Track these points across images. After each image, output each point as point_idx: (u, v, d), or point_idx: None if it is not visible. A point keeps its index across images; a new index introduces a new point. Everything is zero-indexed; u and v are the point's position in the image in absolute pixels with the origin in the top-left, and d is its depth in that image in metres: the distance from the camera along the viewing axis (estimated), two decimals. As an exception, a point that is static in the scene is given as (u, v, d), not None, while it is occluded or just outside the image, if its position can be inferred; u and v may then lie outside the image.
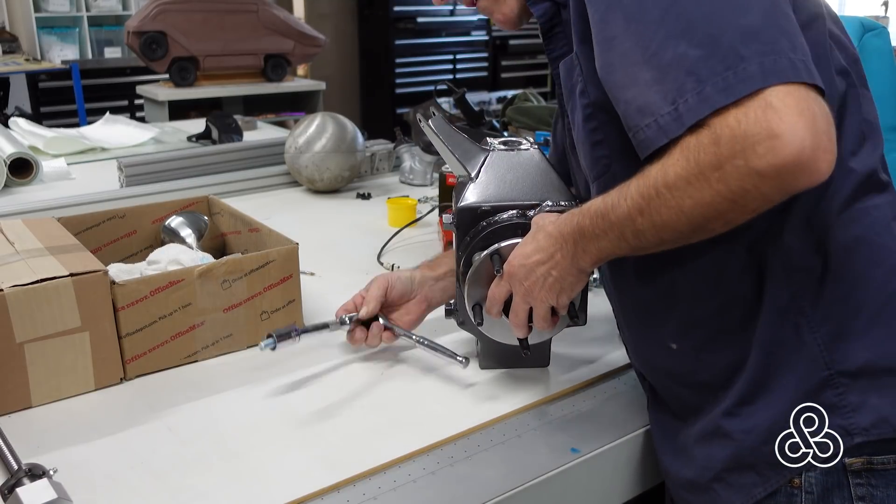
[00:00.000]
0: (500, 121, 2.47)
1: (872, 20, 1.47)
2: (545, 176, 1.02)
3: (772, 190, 0.66)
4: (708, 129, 0.67)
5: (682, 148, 0.69)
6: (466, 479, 0.89)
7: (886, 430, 0.79)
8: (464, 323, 1.08)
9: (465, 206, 1.01)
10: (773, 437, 0.82)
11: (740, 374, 0.85)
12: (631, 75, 0.72)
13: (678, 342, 0.89)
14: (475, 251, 1.00)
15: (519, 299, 0.93)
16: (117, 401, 1.05)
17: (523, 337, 0.98)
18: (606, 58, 0.75)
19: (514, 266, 0.91)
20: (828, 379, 0.80)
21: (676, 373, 0.92)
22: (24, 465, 0.84)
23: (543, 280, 0.88)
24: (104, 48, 5.59)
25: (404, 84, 6.02)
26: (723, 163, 0.66)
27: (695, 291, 0.86)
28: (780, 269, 0.81)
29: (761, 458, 0.83)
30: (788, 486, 0.82)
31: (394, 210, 1.79)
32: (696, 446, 0.89)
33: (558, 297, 0.89)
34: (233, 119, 2.65)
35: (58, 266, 1.04)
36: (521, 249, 0.90)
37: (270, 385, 1.09)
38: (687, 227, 0.71)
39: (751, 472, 0.84)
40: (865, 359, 0.80)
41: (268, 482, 0.87)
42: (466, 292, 1.00)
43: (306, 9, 5.92)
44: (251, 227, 1.35)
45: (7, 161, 2.04)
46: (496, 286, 0.95)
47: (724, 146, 0.66)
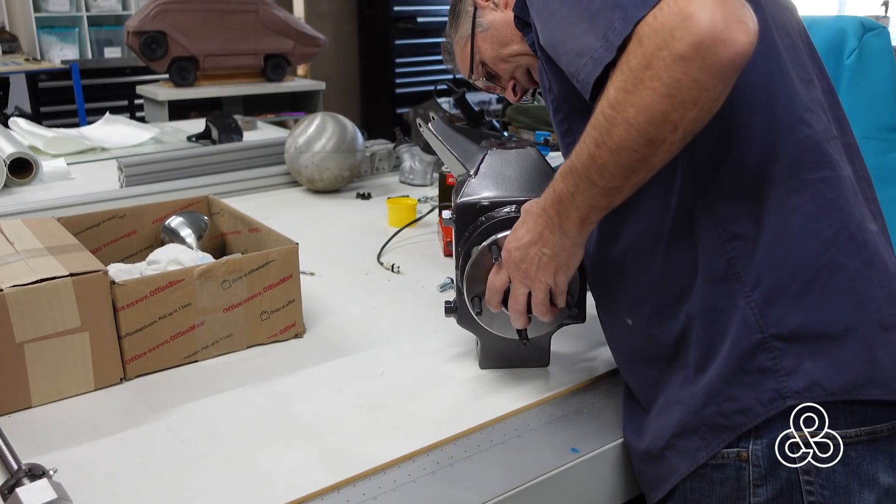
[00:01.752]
0: (500, 121, 2.47)
1: (872, 20, 1.47)
2: (542, 172, 1.04)
3: (699, 72, 0.68)
4: (633, 38, 0.71)
5: (617, 68, 0.73)
6: (466, 479, 0.89)
7: (818, 393, 0.81)
8: (464, 321, 1.08)
9: (464, 201, 1.02)
10: (712, 399, 0.84)
11: (687, 346, 0.87)
12: (568, 32, 0.79)
13: (631, 317, 0.92)
14: (474, 245, 1.01)
15: (517, 284, 0.95)
16: (117, 401, 1.05)
17: (522, 327, 0.99)
18: (548, 28, 0.83)
19: (509, 251, 0.93)
20: (761, 342, 0.82)
21: (635, 350, 0.94)
22: (24, 465, 0.84)
23: (538, 260, 0.90)
24: (104, 48, 5.59)
25: (404, 84, 6.02)
26: (650, 59, 0.70)
27: (638, 262, 0.89)
28: (715, 236, 0.83)
29: (702, 421, 0.85)
30: (737, 459, 0.84)
31: (394, 210, 1.79)
32: (655, 418, 0.91)
33: (555, 275, 0.91)
34: (233, 119, 2.65)
35: (58, 266, 1.04)
36: (513, 234, 0.93)
37: (270, 385, 1.09)
38: (640, 141, 0.73)
39: (694, 437, 0.86)
40: (798, 323, 0.81)
41: (268, 482, 0.87)
42: (466, 285, 1.01)
43: (306, 9, 5.92)
44: (251, 227, 1.35)
45: (7, 161, 2.04)
46: (494, 275, 0.97)
47: (647, 43, 0.70)
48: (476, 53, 1.14)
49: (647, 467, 0.93)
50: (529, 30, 0.94)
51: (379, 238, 1.65)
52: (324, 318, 1.29)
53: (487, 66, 1.15)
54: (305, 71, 5.37)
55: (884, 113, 1.44)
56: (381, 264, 1.54)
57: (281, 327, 1.20)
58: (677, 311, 0.87)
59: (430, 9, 6.02)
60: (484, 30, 1.11)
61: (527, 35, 0.96)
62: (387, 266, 1.52)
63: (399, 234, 1.69)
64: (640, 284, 0.90)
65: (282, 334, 1.21)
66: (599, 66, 0.74)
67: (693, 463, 0.86)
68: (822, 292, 0.81)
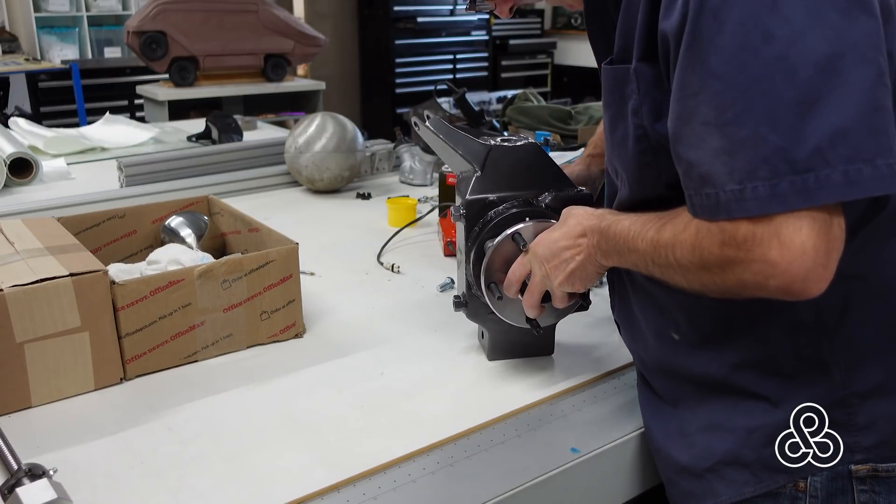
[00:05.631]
0: (500, 121, 2.47)
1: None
2: (546, 167, 1.07)
3: (763, 296, 0.69)
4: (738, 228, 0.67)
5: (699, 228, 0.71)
6: (466, 479, 0.89)
7: (886, 452, 0.80)
8: (473, 315, 1.11)
9: (473, 198, 1.05)
10: (773, 440, 0.82)
11: (748, 378, 0.84)
12: (699, 135, 0.68)
13: (678, 332, 0.90)
14: (486, 240, 1.04)
15: (538, 280, 0.96)
16: (117, 401, 1.05)
17: (534, 317, 1.03)
18: (680, 109, 0.71)
19: (539, 246, 0.95)
20: (843, 399, 0.81)
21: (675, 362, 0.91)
22: (24, 465, 0.83)
23: (566, 265, 0.92)
24: (104, 48, 5.59)
25: (404, 84, 6.02)
26: (723, 265, 0.69)
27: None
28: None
29: (759, 459, 0.83)
30: (793, 489, 0.82)
31: (394, 210, 1.78)
32: (699, 434, 0.89)
33: (575, 284, 0.93)
34: (233, 119, 2.65)
35: (58, 266, 1.04)
36: (549, 234, 0.95)
37: (270, 385, 1.09)
38: (686, 288, 0.75)
39: (745, 471, 0.84)
40: (880, 380, 0.80)
41: (268, 482, 0.87)
42: (483, 272, 1.03)
43: (306, 9, 5.92)
44: (251, 227, 1.35)
45: (7, 161, 2.04)
46: (519, 264, 0.99)
47: (741, 249, 0.67)
48: None
49: (681, 480, 0.91)
50: None
51: (379, 238, 1.65)
52: (324, 318, 1.29)
53: None
54: (305, 71, 5.37)
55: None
56: (381, 264, 1.54)
57: (281, 327, 1.20)
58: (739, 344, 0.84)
59: (430, 9, 6.02)
60: None
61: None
62: (387, 266, 1.52)
63: (399, 234, 1.69)
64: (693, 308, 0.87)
65: (282, 334, 1.21)
66: (720, 214, 0.68)
67: (737, 495, 0.85)
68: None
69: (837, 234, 0.66)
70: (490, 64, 6.55)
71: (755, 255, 0.66)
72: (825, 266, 0.66)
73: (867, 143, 0.64)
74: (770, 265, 0.65)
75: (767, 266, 0.65)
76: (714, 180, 0.67)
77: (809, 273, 0.65)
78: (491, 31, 6.46)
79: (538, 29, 6.91)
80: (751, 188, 0.65)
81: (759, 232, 0.65)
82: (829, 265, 0.66)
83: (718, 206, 0.67)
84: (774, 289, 0.66)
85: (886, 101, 0.66)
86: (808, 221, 0.64)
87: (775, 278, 0.65)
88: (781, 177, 0.64)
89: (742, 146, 0.65)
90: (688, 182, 0.71)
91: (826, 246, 0.65)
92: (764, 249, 0.65)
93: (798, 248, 0.64)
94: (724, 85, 0.66)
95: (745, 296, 0.70)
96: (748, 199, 0.65)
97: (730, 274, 0.69)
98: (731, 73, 0.65)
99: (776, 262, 0.65)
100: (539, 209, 1.04)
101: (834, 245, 0.66)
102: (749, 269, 0.67)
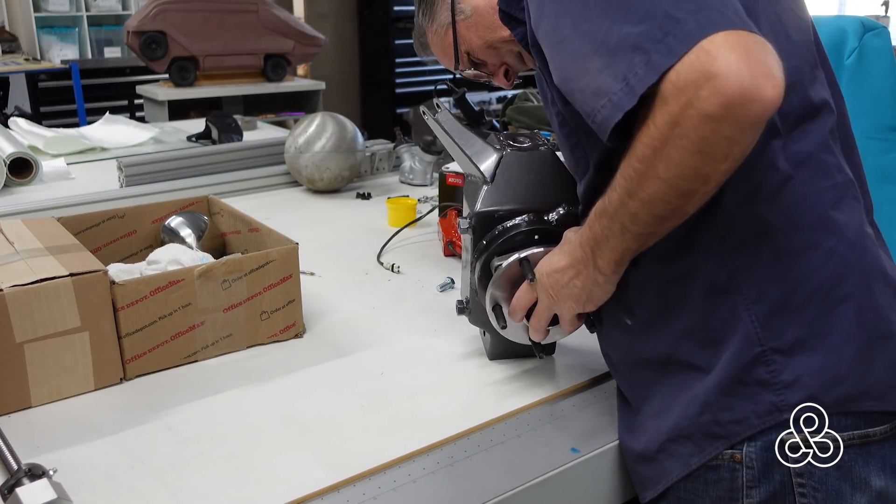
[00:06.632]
0: (500, 121, 2.47)
1: (873, 20, 1.47)
2: (559, 178, 1.03)
3: (730, 129, 0.67)
4: (658, 94, 0.69)
5: (641, 119, 0.71)
6: (466, 479, 0.89)
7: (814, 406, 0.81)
8: (475, 320, 1.10)
9: (482, 211, 1.01)
10: (709, 407, 0.84)
11: (685, 352, 0.86)
12: (582, 67, 0.74)
13: (631, 318, 0.91)
14: (493, 256, 1.01)
15: (544, 307, 0.96)
16: (117, 401, 1.05)
17: (539, 341, 1.02)
18: (559, 59, 0.78)
19: (542, 275, 0.94)
20: (761, 355, 0.82)
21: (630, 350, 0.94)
22: (23, 465, 0.83)
23: (570, 290, 0.91)
24: (104, 48, 5.60)
25: (404, 84, 6.01)
26: (676, 117, 0.68)
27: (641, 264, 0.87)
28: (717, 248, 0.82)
29: (698, 428, 0.85)
30: (731, 460, 0.84)
31: (394, 210, 1.78)
32: (651, 420, 0.91)
33: (584, 305, 0.92)
34: (233, 119, 2.65)
35: (58, 266, 1.04)
36: (550, 260, 0.94)
37: (270, 385, 1.09)
38: (672, 194, 0.73)
39: (689, 442, 0.86)
40: (797, 336, 0.81)
41: (268, 482, 0.87)
42: (488, 294, 1.01)
43: (306, 9, 5.92)
44: (251, 227, 1.35)
45: (7, 161, 2.04)
46: (525, 292, 0.98)
47: (671, 101, 0.68)
48: (461, 43, 1.09)
49: (639, 468, 0.93)
50: (517, 24, 0.90)
51: (379, 238, 1.65)
52: (324, 318, 1.29)
53: (474, 55, 1.10)
54: (305, 71, 5.37)
55: (884, 113, 1.44)
56: (381, 264, 1.54)
57: (281, 327, 1.20)
58: (677, 318, 0.87)
59: (430, 9, 6.00)
60: (467, 17, 1.06)
61: (515, 30, 0.91)
62: (387, 266, 1.52)
63: (399, 234, 1.69)
64: (640, 286, 0.89)
65: (282, 334, 1.21)
66: (619, 112, 0.71)
67: (685, 468, 0.87)
68: (823, 305, 0.81)
69: (761, 39, 0.67)
70: (490, 64, 6.54)
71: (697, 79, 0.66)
72: (765, 63, 0.66)
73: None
74: (714, 77, 0.65)
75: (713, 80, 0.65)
76: (604, 89, 0.72)
77: (753, 68, 0.65)
78: (491, 31, 6.45)
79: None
80: (632, 76, 0.69)
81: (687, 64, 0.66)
82: (768, 62, 0.66)
83: (615, 107, 0.71)
84: (732, 99, 0.65)
85: None
86: (722, 36, 0.66)
87: (726, 86, 0.64)
88: (650, 52, 0.68)
89: (616, 51, 0.71)
90: (585, 108, 0.75)
91: (755, 44, 0.66)
92: (701, 68, 0.66)
93: (725, 48, 0.65)
94: (589, 20, 0.73)
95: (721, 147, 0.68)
96: (633, 85, 0.69)
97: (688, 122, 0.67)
98: (590, 7, 0.74)
99: (717, 71, 0.65)
100: (549, 227, 0.99)
101: (764, 47, 0.67)
102: (699, 97, 0.66)
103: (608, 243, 0.83)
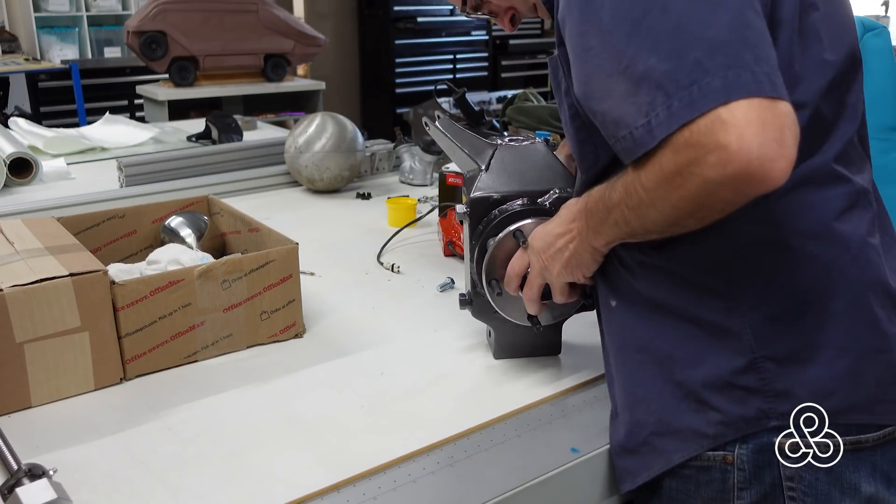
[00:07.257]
0: (500, 121, 2.47)
1: (873, 20, 1.47)
2: (551, 165, 1.07)
3: (730, 195, 0.69)
4: (671, 137, 0.69)
5: (653, 154, 0.72)
6: (466, 479, 0.89)
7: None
8: (478, 313, 1.11)
9: (478, 196, 1.05)
10: (698, 406, 0.84)
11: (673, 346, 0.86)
12: (606, 87, 0.74)
13: (617, 300, 0.92)
14: (489, 237, 1.04)
15: (535, 273, 0.98)
16: (117, 401, 1.05)
17: (535, 313, 1.03)
18: (584, 71, 0.78)
19: (535, 238, 0.96)
20: (752, 362, 0.82)
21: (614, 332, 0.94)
22: (23, 465, 0.83)
23: (561, 253, 0.92)
24: (104, 48, 5.59)
25: (404, 84, 6.02)
26: (681, 168, 0.69)
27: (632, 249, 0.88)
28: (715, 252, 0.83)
29: (685, 425, 0.85)
30: (722, 462, 0.84)
31: (394, 210, 1.78)
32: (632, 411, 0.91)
33: (573, 272, 0.93)
34: (233, 119, 2.65)
35: (57, 266, 1.04)
36: (545, 227, 0.95)
37: (270, 385, 1.09)
38: (664, 222, 0.76)
39: (674, 439, 0.86)
40: (792, 347, 0.81)
41: (268, 482, 0.87)
42: (485, 269, 1.04)
43: (306, 9, 5.92)
44: (251, 227, 1.35)
45: (7, 161, 2.04)
46: (517, 258, 1.01)
47: (681, 153, 0.69)
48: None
49: (619, 459, 0.93)
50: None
51: (379, 238, 1.65)
52: (324, 318, 1.29)
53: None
54: (305, 71, 5.37)
55: (884, 113, 1.44)
56: (381, 264, 1.54)
57: (281, 327, 1.20)
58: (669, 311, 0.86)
59: (430, 9, 6.02)
60: None
61: None
62: (387, 266, 1.52)
63: (399, 234, 1.69)
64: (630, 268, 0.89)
65: (282, 334, 1.21)
66: (640, 150, 0.72)
67: (667, 463, 0.87)
68: (818, 317, 0.81)
69: (785, 110, 0.67)
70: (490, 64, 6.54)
71: (707, 144, 0.66)
72: (779, 141, 0.66)
73: (741, 52, 0.68)
74: (722, 148, 0.66)
75: (721, 151, 0.66)
76: (626, 121, 0.72)
77: (764, 148, 0.65)
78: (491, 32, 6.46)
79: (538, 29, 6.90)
80: (653, 116, 0.70)
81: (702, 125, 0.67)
82: (783, 140, 0.66)
83: (635, 143, 0.72)
84: (735, 174, 0.66)
85: (755, 19, 0.71)
86: (745, 105, 0.66)
87: (732, 161, 0.65)
88: (672, 97, 0.68)
89: (640, 82, 0.71)
90: (606, 132, 0.77)
91: (774, 119, 0.66)
92: (713, 136, 0.66)
93: (742, 120, 0.65)
94: (618, 36, 0.73)
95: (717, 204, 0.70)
96: (653, 126, 0.70)
97: (691, 178, 0.68)
98: (619, 23, 0.73)
99: (727, 144, 0.65)
100: (542, 207, 1.04)
101: (784, 121, 0.67)
102: (706, 161, 0.67)
103: (602, 226, 0.84)
